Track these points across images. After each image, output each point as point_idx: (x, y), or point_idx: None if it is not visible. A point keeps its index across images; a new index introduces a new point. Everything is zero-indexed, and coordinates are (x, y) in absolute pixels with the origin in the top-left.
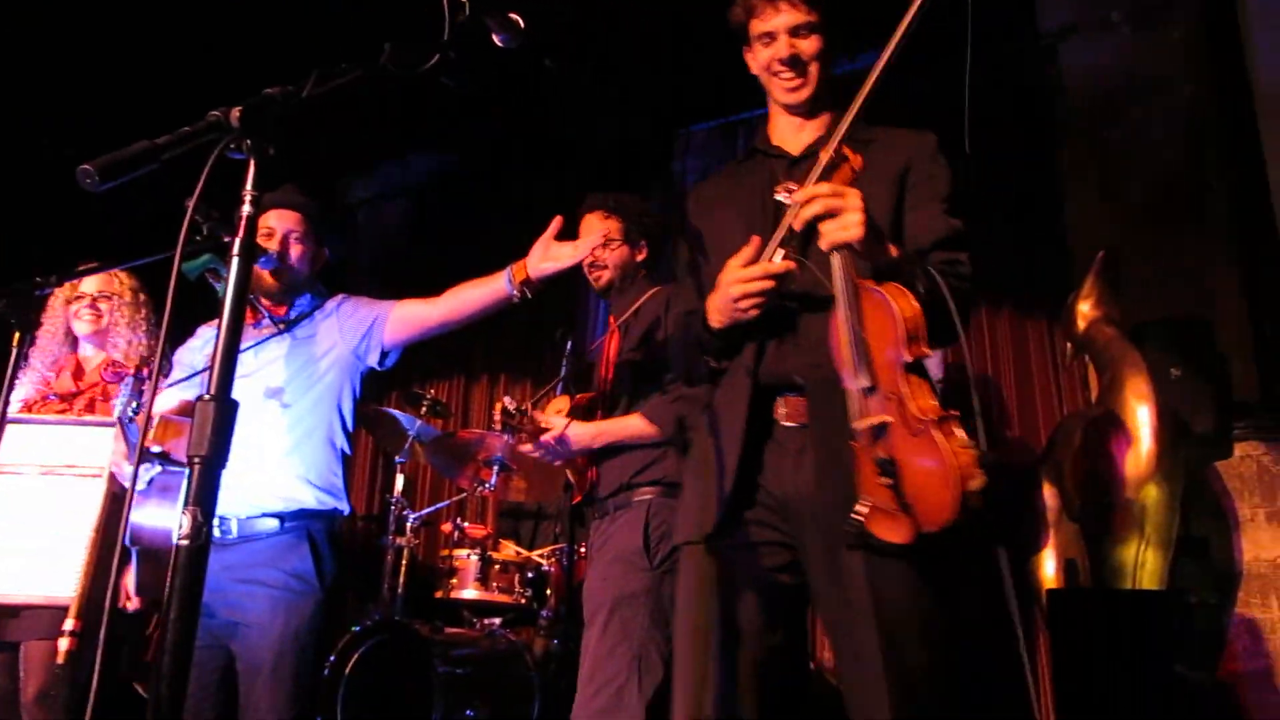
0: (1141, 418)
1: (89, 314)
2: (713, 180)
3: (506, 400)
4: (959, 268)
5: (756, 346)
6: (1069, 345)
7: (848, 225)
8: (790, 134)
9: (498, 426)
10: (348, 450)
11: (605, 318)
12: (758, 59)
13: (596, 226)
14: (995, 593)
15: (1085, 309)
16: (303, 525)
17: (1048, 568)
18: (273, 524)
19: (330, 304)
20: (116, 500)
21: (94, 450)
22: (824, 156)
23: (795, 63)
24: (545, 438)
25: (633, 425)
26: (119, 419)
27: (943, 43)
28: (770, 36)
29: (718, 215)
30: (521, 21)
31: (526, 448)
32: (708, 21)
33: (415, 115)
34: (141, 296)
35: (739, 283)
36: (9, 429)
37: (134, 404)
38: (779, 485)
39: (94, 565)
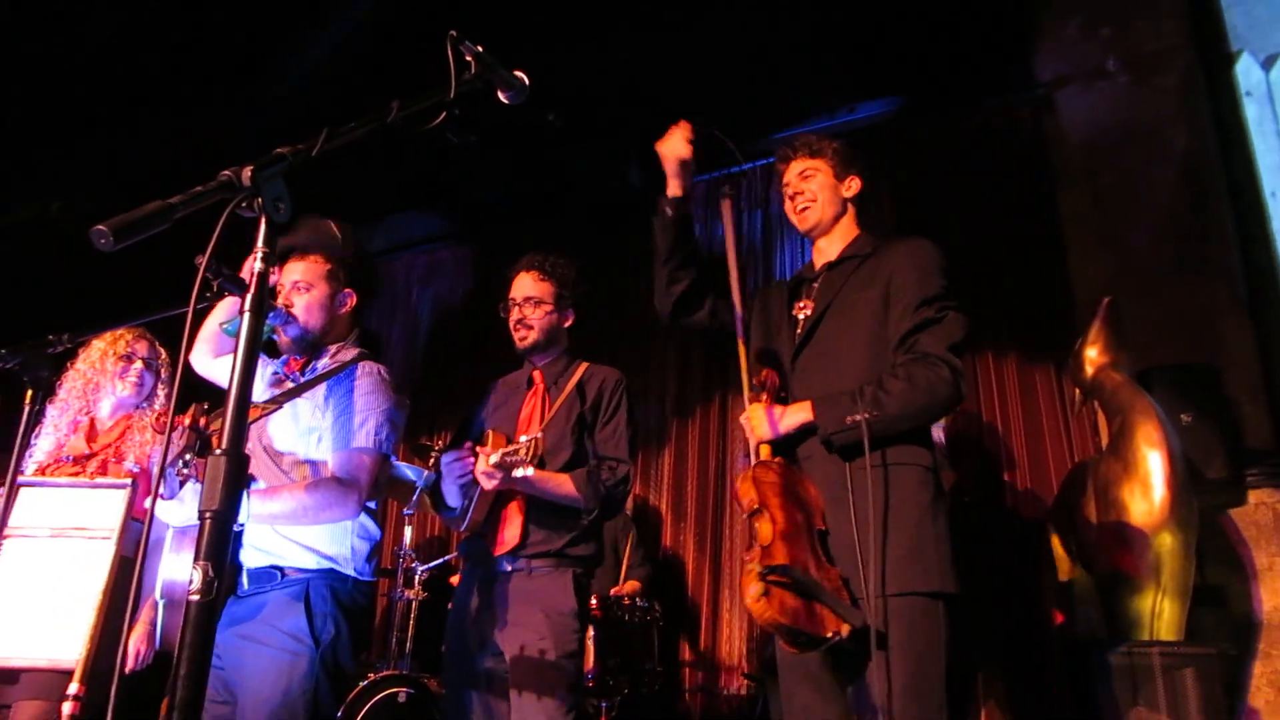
0: (1153, 464)
1: (135, 378)
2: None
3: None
4: (916, 346)
5: None
6: (1078, 392)
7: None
8: (818, 251)
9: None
10: (367, 524)
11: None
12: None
13: (529, 287)
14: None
15: (1093, 355)
16: (303, 581)
17: (1063, 619)
18: (276, 575)
19: (351, 374)
20: (127, 563)
21: (104, 512)
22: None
23: (797, 196)
24: (517, 473)
25: (564, 483)
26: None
27: (936, 94)
28: (787, 185)
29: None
30: (526, 79)
31: (489, 477)
32: (707, 78)
33: (422, 169)
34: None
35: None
36: (22, 492)
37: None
38: None
39: (101, 628)
